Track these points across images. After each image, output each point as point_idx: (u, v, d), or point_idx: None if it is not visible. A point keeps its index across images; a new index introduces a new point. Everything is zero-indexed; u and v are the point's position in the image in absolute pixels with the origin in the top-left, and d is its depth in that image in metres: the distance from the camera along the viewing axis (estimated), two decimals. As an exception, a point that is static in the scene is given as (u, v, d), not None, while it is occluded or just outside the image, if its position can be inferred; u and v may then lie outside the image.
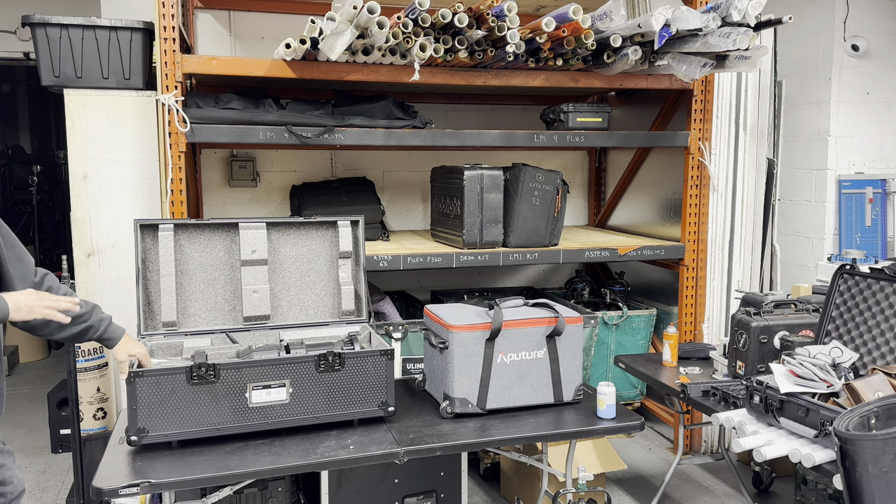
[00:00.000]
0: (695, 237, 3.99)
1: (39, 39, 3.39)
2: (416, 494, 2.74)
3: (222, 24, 4.23)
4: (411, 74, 3.24)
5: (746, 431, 2.45)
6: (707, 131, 3.93)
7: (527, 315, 2.66)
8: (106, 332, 2.20)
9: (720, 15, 3.12)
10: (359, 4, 2.76)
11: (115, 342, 2.22)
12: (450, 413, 2.59)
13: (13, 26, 5.18)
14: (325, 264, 2.91)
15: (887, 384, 2.30)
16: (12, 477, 1.92)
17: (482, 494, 3.66)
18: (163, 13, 3.11)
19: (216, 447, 2.30)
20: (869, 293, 2.67)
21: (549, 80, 3.57)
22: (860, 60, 4.47)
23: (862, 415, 1.93)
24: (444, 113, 4.71)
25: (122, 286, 3.54)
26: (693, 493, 3.72)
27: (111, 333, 2.21)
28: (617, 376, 4.18)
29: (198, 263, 2.76)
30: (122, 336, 2.24)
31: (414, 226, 4.77)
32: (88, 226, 3.50)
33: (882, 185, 4.46)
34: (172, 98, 3.12)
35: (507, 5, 3.04)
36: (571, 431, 2.55)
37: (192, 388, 2.28)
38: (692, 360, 3.41)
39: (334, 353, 2.41)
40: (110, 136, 3.49)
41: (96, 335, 2.18)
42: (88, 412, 3.49)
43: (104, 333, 2.20)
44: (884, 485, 1.78)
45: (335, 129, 3.36)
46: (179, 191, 3.20)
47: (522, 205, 3.73)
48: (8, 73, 8.18)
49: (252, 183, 4.36)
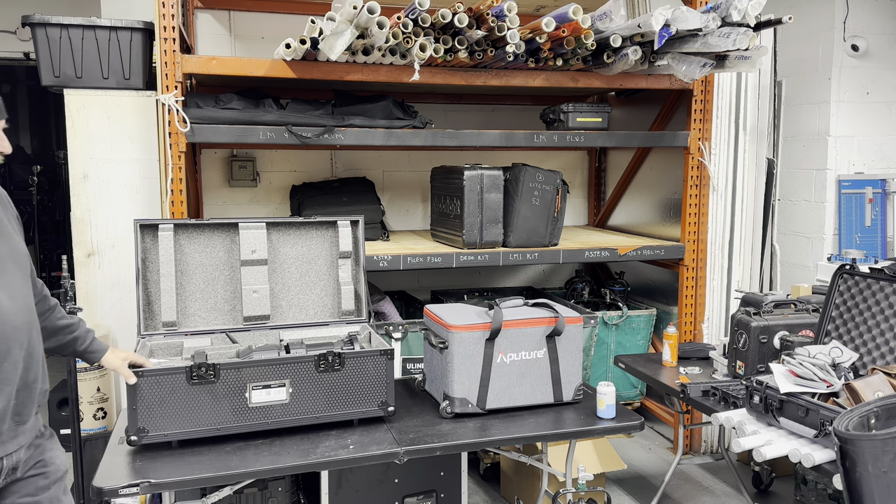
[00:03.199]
0: (695, 237, 3.99)
1: (39, 39, 3.39)
2: (416, 494, 2.74)
3: (222, 24, 4.23)
4: (411, 74, 3.24)
5: (746, 431, 2.45)
6: (707, 131, 3.93)
7: (527, 315, 2.66)
8: (91, 344, 2.15)
9: (720, 15, 3.12)
10: (359, 4, 2.76)
11: (100, 355, 2.16)
12: (450, 413, 2.59)
13: (13, 26, 5.18)
14: (325, 264, 2.91)
15: (887, 384, 2.30)
16: (54, 457, 1.93)
17: (482, 494, 3.67)
18: (163, 13, 3.11)
19: (216, 447, 2.30)
20: (869, 293, 2.67)
21: (549, 80, 3.57)
22: (860, 60, 4.47)
23: (862, 415, 1.93)
24: (444, 113, 4.71)
25: (122, 286, 3.54)
26: (693, 492, 3.72)
27: (96, 346, 2.16)
28: (617, 376, 4.18)
29: (198, 263, 2.76)
30: (106, 349, 2.19)
31: (414, 226, 4.77)
32: (88, 226, 3.51)
33: (882, 185, 4.46)
34: (172, 98, 3.12)
35: (507, 5, 3.04)
36: (571, 431, 2.55)
37: (192, 388, 2.28)
38: (692, 360, 3.41)
39: (334, 352, 2.41)
40: (110, 136, 3.49)
41: (82, 346, 2.13)
42: (88, 412, 3.49)
43: (90, 346, 2.14)
44: (883, 485, 1.78)
45: (335, 129, 3.36)
46: (179, 191, 3.20)
47: (522, 205, 3.73)
48: (8, 73, 8.17)
49: (252, 183, 4.36)
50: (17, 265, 1.84)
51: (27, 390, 1.81)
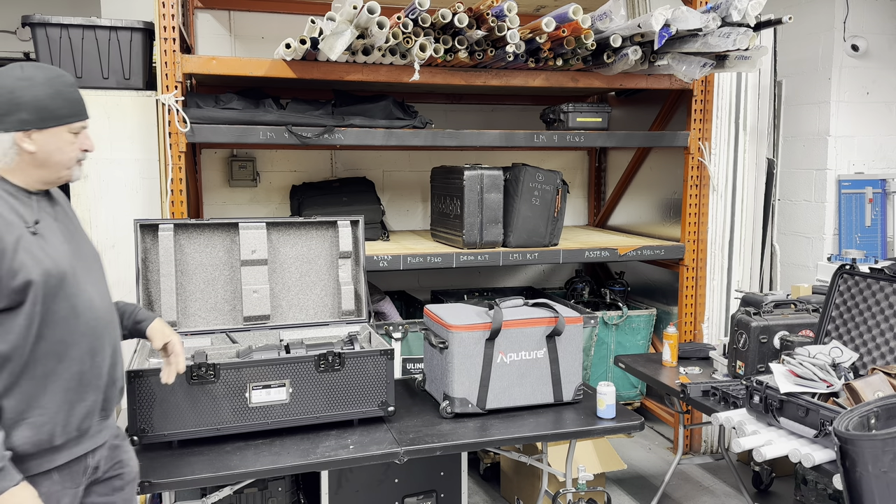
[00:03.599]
0: (695, 237, 3.99)
1: (39, 39, 3.39)
2: (416, 494, 2.74)
3: (222, 24, 4.23)
4: (411, 74, 3.24)
5: (746, 431, 2.45)
6: (707, 131, 3.93)
7: (527, 315, 2.66)
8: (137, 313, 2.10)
9: (720, 15, 3.12)
10: (359, 4, 2.76)
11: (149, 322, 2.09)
12: (450, 413, 2.59)
13: (13, 26, 5.17)
14: (325, 264, 2.91)
15: (887, 384, 2.30)
16: (129, 459, 1.96)
17: (482, 494, 3.67)
18: (163, 13, 3.11)
19: (216, 447, 2.30)
20: (869, 293, 2.67)
21: (549, 80, 3.57)
22: (860, 60, 4.47)
23: (862, 415, 1.93)
24: (444, 113, 4.71)
25: (122, 286, 3.53)
26: (693, 492, 3.72)
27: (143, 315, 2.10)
28: (617, 376, 4.18)
29: (198, 263, 2.76)
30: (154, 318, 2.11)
31: (414, 226, 4.77)
32: (88, 226, 3.50)
33: (882, 185, 4.46)
34: (172, 98, 3.12)
35: (507, 5, 3.04)
36: (571, 431, 2.55)
37: (192, 388, 2.28)
38: (692, 360, 3.41)
39: (334, 352, 2.41)
40: (110, 136, 3.48)
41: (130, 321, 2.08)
42: (88, 412, 3.49)
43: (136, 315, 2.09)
44: (883, 485, 1.78)
45: (335, 129, 3.36)
46: (179, 191, 3.20)
47: (522, 205, 3.73)
48: (8, 73, 8.19)
49: (252, 183, 4.36)
50: (99, 265, 1.90)
51: (113, 386, 1.85)
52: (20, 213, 1.67)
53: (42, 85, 1.67)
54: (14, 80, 1.65)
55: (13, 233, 1.62)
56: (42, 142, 1.68)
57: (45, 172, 1.72)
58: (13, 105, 1.64)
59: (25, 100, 1.64)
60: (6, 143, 1.66)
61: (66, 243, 1.76)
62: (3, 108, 1.64)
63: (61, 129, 1.70)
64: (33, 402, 1.66)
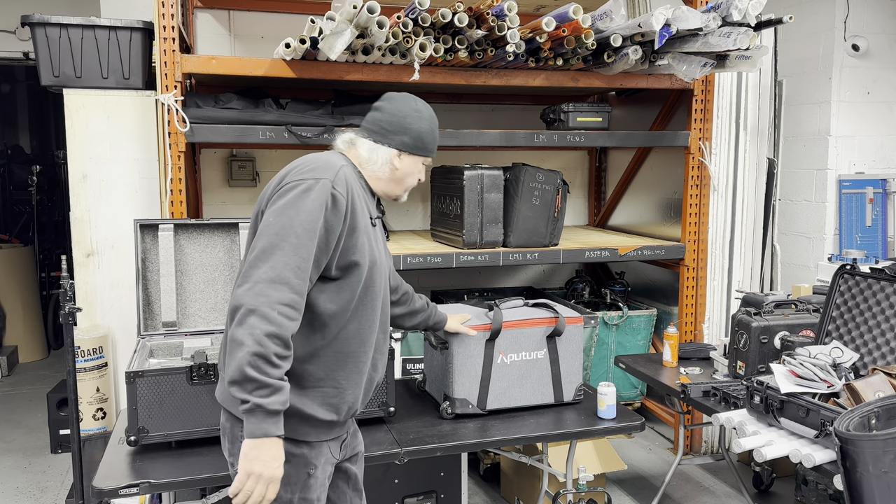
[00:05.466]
0: (695, 237, 3.99)
1: (39, 39, 3.39)
2: (416, 495, 2.74)
3: (222, 24, 4.22)
4: (411, 74, 3.24)
5: (747, 432, 2.45)
6: (707, 131, 3.92)
7: (527, 315, 2.65)
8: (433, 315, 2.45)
9: (720, 15, 3.12)
10: (359, 4, 2.76)
11: (444, 323, 2.49)
12: (450, 413, 2.58)
13: (13, 26, 5.17)
14: (325, 264, 2.91)
15: (888, 384, 2.29)
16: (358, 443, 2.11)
17: (482, 495, 3.66)
18: (162, 13, 3.11)
19: (216, 447, 2.28)
20: (869, 293, 2.66)
21: (549, 80, 3.57)
22: (860, 60, 4.46)
23: (862, 415, 1.92)
24: (444, 113, 4.68)
25: (122, 286, 3.53)
26: (693, 493, 3.72)
27: (438, 317, 2.47)
28: (617, 376, 4.18)
29: (198, 263, 2.76)
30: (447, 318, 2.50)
31: (414, 226, 4.77)
32: (88, 226, 3.50)
33: (882, 185, 4.46)
34: (172, 98, 3.12)
35: (507, 5, 3.04)
36: (572, 432, 2.55)
37: (192, 388, 2.27)
38: (692, 360, 3.40)
39: (334, 353, 2.41)
40: (110, 136, 3.48)
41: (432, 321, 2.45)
42: (88, 412, 3.49)
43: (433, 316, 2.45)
44: (884, 485, 1.78)
45: (335, 128, 3.35)
46: (179, 191, 3.20)
47: (522, 205, 3.72)
48: (7, 73, 8.17)
49: (252, 183, 4.36)
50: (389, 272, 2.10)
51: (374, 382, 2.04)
52: (368, 207, 1.93)
53: (426, 120, 1.97)
54: (409, 109, 1.95)
55: (363, 218, 1.86)
56: (406, 164, 1.96)
57: (393, 187, 1.99)
58: (402, 129, 1.93)
59: (412, 128, 1.94)
60: (386, 155, 1.93)
61: (383, 244, 2.01)
62: (395, 128, 1.93)
63: (420, 160, 1.99)
64: (332, 374, 1.83)
